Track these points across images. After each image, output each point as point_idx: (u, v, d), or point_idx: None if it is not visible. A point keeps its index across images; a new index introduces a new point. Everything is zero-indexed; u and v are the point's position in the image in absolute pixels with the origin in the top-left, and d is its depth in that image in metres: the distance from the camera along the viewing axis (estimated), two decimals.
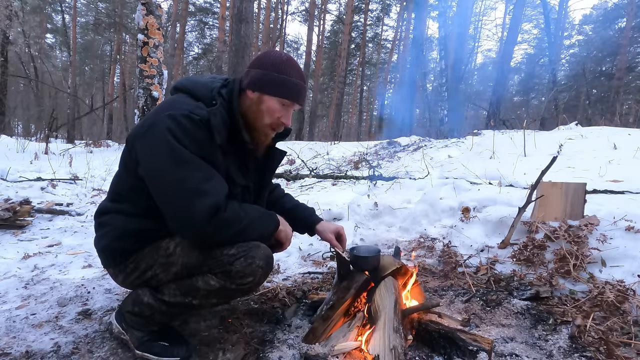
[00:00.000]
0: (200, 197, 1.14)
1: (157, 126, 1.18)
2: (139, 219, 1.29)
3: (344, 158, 7.61)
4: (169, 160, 1.16)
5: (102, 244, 1.34)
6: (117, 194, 1.35)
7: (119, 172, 1.36)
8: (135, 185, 1.27)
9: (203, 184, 1.16)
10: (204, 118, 1.21)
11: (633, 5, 17.22)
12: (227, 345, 1.44)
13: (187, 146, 1.16)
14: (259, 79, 1.28)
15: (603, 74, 21.70)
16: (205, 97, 1.28)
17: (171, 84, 1.57)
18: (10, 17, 12.78)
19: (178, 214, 1.17)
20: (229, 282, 1.24)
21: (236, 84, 1.33)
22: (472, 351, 1.27)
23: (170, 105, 1.25)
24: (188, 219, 1.15)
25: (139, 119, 4.99)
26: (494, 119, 11.10)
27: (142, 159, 1.22)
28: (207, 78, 1.37)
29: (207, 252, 1.26)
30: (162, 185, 1.18)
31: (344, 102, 24.56)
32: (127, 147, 1.30)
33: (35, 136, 14.30)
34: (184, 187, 1.14)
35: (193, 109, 1.21)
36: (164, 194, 1.19)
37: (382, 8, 26.96)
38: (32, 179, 4.77)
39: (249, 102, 1.32)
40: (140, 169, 1.23)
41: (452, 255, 2.28)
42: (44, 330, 1.55)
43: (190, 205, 1.14)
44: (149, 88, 4.92)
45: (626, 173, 3.73)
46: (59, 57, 26.97)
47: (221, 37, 16.31)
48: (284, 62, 1.29)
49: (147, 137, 1.20)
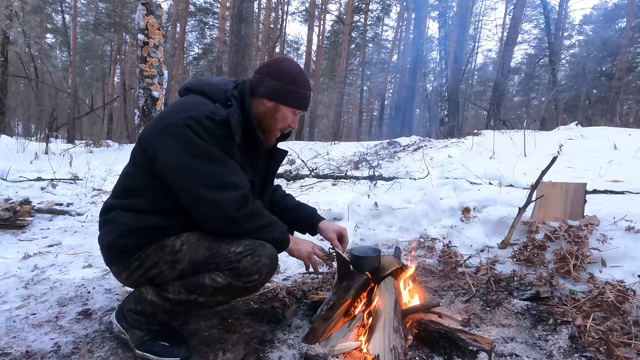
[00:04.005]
0: (229, 189, 1.23)
1: (180, 126, 1.22)
2: (145, 216, 1.30)
3: (344, 158, 7.61)
4: (194, 155, 1.22)
5: (106, 241, 1.34)
6: (124, 190, 1.36)
7: (129, 170, 1.38)
8: (148, 182, 1.30)
9: (230, 177, 1.25)
10: (225, 119, 1.27)
11: (633, 5, 17.22)
12: (227, 345, 1.44)
13: (211, 144, 1.23)
14: (277, 90, 1.36)
15: (603, 74, 21.68)
16: (220, 98, 1.33)
17: (171, 84, 1.59)
18: (11, 17, 12.79)
19: (208, 205, 1.23)
20: (235, 280, 1.26)
21: (247, 87, 1.39)
22: (472, 351, 1.27)
23: (190, 106, 1.29)
24: (219, 208, 1.23)
25: (139, 119, 4.99)
26: (494, 119, 11.10)
27: (165, 156, 1.25)
28: (217, 79, 1.43)
29: (215, 249, 1.28)
30: (189, 180, 1.23)
31: (344, 102, 24.55)
32: (140, 146, 1.33)
33: (36, 136, 14.29)
34: (212, 180, 1.22)
35: (213, 110, 1.27)
36: (191, 187, 1.23)
37: (382, 8, 26.96)
38: (32, 179, 4.77)
39: (263, 108, 1.39)
40: (159, 166, 1.26)
41: (452, 255, 2.28)
42: (44, 330, 1.55)
43: (220, 196, 1.22)
44: (149, 88, 4.91)
45: (626, 173, 3.73)
46: (59, 57, 26.95)
47: (221, 37, 16.32)
48: (299, 75, 1.38)
49: (170, 135, 1.24)
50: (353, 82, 29.41)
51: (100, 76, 26.27)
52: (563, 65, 22.79)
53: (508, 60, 12.19)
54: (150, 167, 1.29)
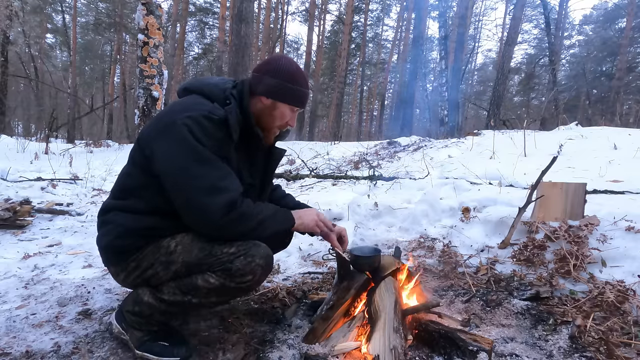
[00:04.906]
0: (217, 193, 1.20)
1: (178, 126, 1.22)
2: (143, 217, 1.30)
3: (344, 158, 7.60)
4: (188, 158, 1.21)
5: (104, 242, 1.34)
6: (122, 190, 1.36)
7: (128, 170, 1.38)
8: (146, 182, 1.30)
9: (220, 181, 1.23)
10: (222, 118, 1.27)
11: (633, 5, 17.20)
12: (227, 345, 1.44)
13: (207, 145, 1.22)
14: (275, 88, 1.36)
15: (603, 74, 21.69)
16: (218, 97, 1.34)
17: (171, 84, 1.60)
18: (11, 17, 12.79)
19: (195, 209, 1.22)
20: (228, 280, 1.25)
21: (245, 86, 1.39)
22: (472, 351, 1.27)
23: (188, 106, 1.29)
24: (205, 214, 1.21)
25: (139, 119, 4.99)
26: (494, 119, 11.10)
27: (161, 157, 1.25)
28: (217, 79, 1.43)
29: (207, 250, 1.27)
30: (180, 182, 1.22)
31: (344, 102, 24.55)
32: (138, 146, 1.33)
33: (36, 136, 14.28)
34: (202, 183, 1.20)
35: (211, 110, 1.27)
36: (181, 190, 1.22)
37: (382, 8, 26.98)
38: (32, 179, 4.77)
39: (261, 105, 1.39)
40: (155, 167, 1.26)
41: (452, 255, 2.28)
42: (44, 330, 1.55)
43: (208, 201, 1.20)
44: (149, 88, 4.92)
45: (626, 173, 3.73)
46: (59, 57, 26.93)
47: (221, 37, 16.32)
48: (296, 73, 1.39)
49: (167, 136, 1.24)
50: (353, 82, 29.41)
51: (100, 76, 26.24)
52: (563, 65, 22.80)
53: (508, 60, 12.19)
54: (147, 167, 1.29)
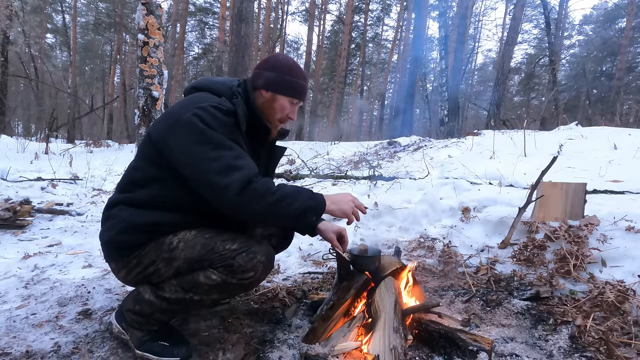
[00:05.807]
0: (233, 171, 1.23)
1: (189, 117, 1.26)
2: (146, 211, 1.31)
3: (344, 158, 7.60)
4: (202, 144, 1.24)
5: (106, 237, 1.35)
6: (129, 183, 1.37)
7: (136, 164, 1.39)
8: (153, 175, 1.33)
9: (235, 160, 1.25)
10: (231, 109, 1.33)
11: (633, 5, 17.18)
12: (227, 345, 1.44)
13: (218, 130, 1.26)
14: (273, 80, 1.42)
15: (603, 74, 21.68)
16: (226, 93, 1.39)
17: (171, 84, 1.62)
18: (11, 17, 12.80)
19: (215, 191, 1.23)
20: (230, 277, 1.25)
21: (249, 83, 1.45)
22: (472, 351, 1.27)
23: (197, 100, 1.33)
24: (224, 192, 1.22)
25: (139, 119, 4.98)
26: (494, 119, 11.09)
27: (176, 149, 1.27)
28: (222, 78, 1.50)
29: (210, 247, 1.27)
30: (198, 168, 1.24)
31: (344, 102, 24.54)
32: (150, 141, 1.35)
33: (36, 136, 14.30)
34: (218, 165, 1.23)
35: (220, 102, 1.33)
36: (200, 175, 1.24)
37: (383, 8, 26.94)
38: (32, 179, 4.77)
39: (262, 99, 1.44)
40: (172, 160, 1.28)
41: (452, 255, 2.28)
42: (44, 330, 1.55)
43: (226, 180, 1.21)
44: (149, 88, 4.91)
45: (626, 173, 3.73)
46: (59, 57, 26.92)
47: (221, 37, 16.30)
48: (293, 66, 1.45)
49: (179, 128, 1.27)
50: (353, 82, 29.41)
51: (100, 76, 26.25)
52: (563, 65, 22.80)
53: (508, 60, 12.19)
54: (158, 160, 1.31)
